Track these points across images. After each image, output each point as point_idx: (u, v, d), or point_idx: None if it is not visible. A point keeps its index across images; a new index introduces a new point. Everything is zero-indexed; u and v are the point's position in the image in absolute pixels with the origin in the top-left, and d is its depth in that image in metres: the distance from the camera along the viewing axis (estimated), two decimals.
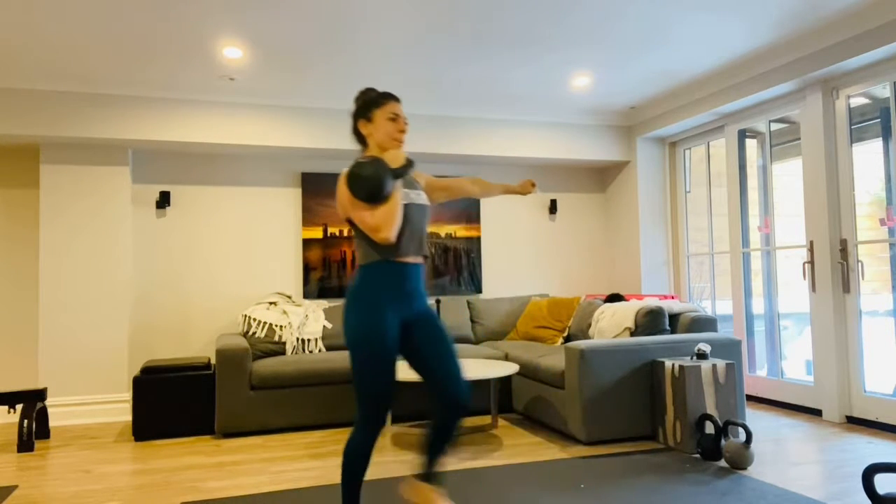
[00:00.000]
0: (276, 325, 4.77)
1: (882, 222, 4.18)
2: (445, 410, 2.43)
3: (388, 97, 2.55)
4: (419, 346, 2.46)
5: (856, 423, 4.21)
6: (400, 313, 2.40)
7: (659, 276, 5.95)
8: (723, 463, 3.42)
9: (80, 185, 4.91)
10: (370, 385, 2.31)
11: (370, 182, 2.28)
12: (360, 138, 2.58)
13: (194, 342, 5.28)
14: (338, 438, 4.18)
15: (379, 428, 2.35)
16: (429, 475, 2.50)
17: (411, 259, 2.45)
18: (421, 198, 2.54)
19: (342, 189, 2.38)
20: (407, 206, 2.45)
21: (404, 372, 3.93)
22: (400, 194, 2.37)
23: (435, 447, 2.48)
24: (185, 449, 4.01)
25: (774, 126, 5.01)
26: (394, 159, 2.41)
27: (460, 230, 5.93)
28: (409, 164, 2.42)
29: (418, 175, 2.75)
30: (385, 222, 2.32)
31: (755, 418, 4.47)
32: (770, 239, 4.94)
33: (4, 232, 5.07)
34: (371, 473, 3.37)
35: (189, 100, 4.96)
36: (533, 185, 2.90)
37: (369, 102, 2.54)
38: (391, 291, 2.39)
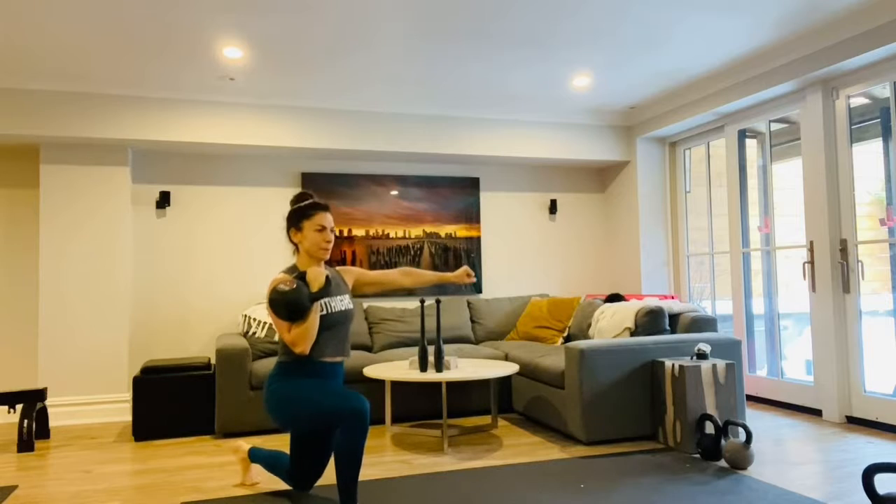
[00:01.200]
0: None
1: (882, 222, 4.18)
2: (292, 474, 2.94)
3: (316, 209, 2.80)
4: (321, 434, 2.87)
5: (856, 423, 4.21)
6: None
7: (659, 276, 5.95)
8: (723, 463, 3.42)
9: (80, 185, 4.91)
10: (335, 413, 2.59)
11: (289, 307, 2.57)
12: (292, 243, 2.86)
13: (194, 342, 5.28)
14: None
15: (366, 428, 2.59)
16: (258, 458, 3.12)
17: (328, 359, 2.78)
18: (343, 303, 2.81)
19: (268, 301, 2.65)
20: (326, 316, 2.73)
21: (403, 372, 3.93)
22: (316, 315, 2.66)
23: (277, 468, 3.00)
24: (185, 449, 4.01)
25: (774, 126, 5.01)
26: (314, 280, 2.66)
27: (460, 230, 5.93)
28: (328, 284, 2.68)
29: (346, 272, 2.99)
30: (300, 339, 2.64)
31: (755, 418, 4.47)
32: (770, 239, 4.94)
33: (4, 232, 5.07)
34: (371, 473, 3.37)
35: (189, 100, 4.96)
36: (469, 274, 3.10)
37: (300, 213, 2.80)
38: (308, 379, 2.74)
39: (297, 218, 2.81)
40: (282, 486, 3.21)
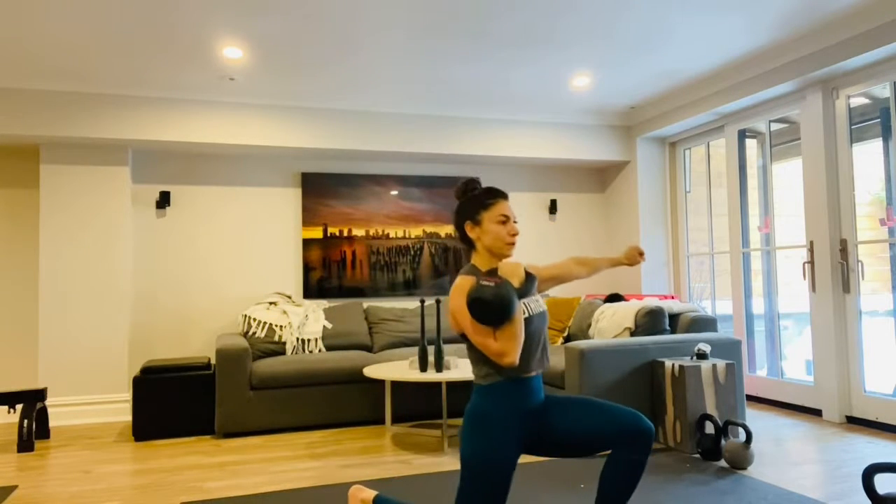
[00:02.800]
0: (276, 325, 4.77)
1: (882, 222, 4.18)
2: (635, 444, 2.19)
3: (495, 196, 2.33)
4: (560, 425, 2.26)
5: (856, 423, 4.21)
6: (523, 431, 2.21)
7: (659, 276, 5.95)
8: (723, 463, 3.42)
9: (80, 185, 4.91)
10: (478, 488, 2.12)
11: (497, 308, 2.07)
12: (466, 239, 2.36)
13: (194, 342, 5.28)
14: (338, 438, 4.18)
15: None
16: None
17: (533, 373, 2.25)
18: (540, 304, 2.34)
19: (459, 307, 2.18)
20: (528, 320, 2.25)
21: (403, 372, 3.93)
22: (521, 316, 2.16)
23: (624, 486, 2.21)
24: (185, 449, 4.01)
25: (774, 126, 5.01)
26: (512, 274, 2.17)
27: None
28: (531, 279, 2.21)
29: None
30: (510, 348, 2.11)
31: (755, 418, 4.47)
32: (770, 239, 4.94)
33: (4, 232, 5.07)
34: (371, 473, 3.37)
35: (189, 100, 4.96)
36: (641, 253, 2.65)
37: (476, 204, 2.32)
38: (514, 412, 2.20)
39: (473, 209, 2.31)
40: (284, 485, 3.21)
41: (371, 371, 4.05)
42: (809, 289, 4.47)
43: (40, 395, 4.20)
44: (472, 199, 2.34)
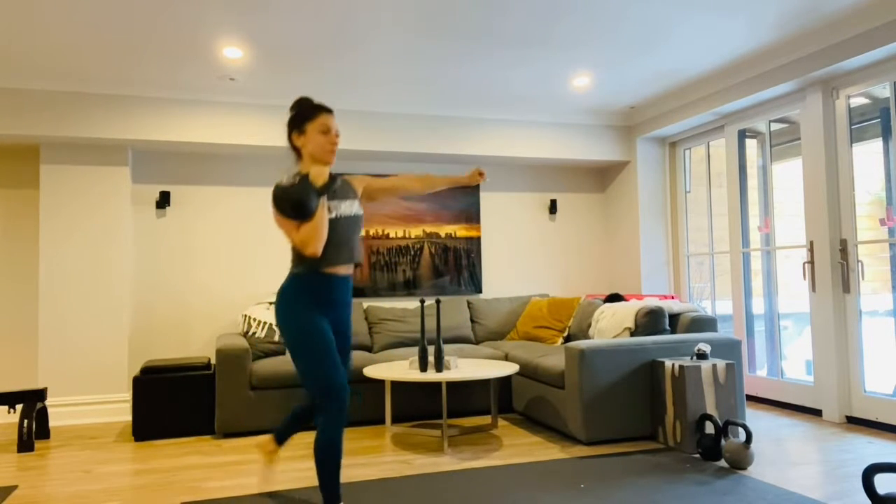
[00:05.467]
0: (277, 325, 4.77)
1: (882, 222, 4.18)
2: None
3: (320, 109, 2.62)
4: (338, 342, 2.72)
5: (856, 423, 4.21)
6: (324, 314, 2.61)
7: (659, 276, 5.95)
8: (723, 463, 3.42)
9: (80, 185, 4.91)
10: (322, 378, 2.48)
11: (293, 201, 2.44)
12: (295, 149, 2.67)
13: (194, 342, 5.28)
14: None
15: (345, 417, 2.51)
16: (281, 437, 2.94)
17: (339, 270, 2.62)
18: (352, 208, 2.67)
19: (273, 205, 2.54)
20: (335, 220, 2.59)
21: (403, 372, 3.93)
22: (324, 211, 2.51)
23: (296, 423, 2.90)
24: (185, 449, 4.01)
25: (774, 126, 5.01)
26: (317, 176, 2.51)
27: (460, 230, 5.93)
28: (332, 180, 2.56)
29: (355, 180, 2.83)
30: (310, 239, 2.49)
31: (755, 418, 4.47)
32: (770, 239, 4.94)
33: (4, 232, 5.07)
34: (371, 473, 3.37)
35: (189, 100, 4.96)
36: (481, 174, 2.96)
37: (302, 115, 2.62)
38: (317, 299, 2.58)
39: (299, 120, 2.62)
40: (284, 485, 3.21)
41: (371, 371, 4.05)
42: (809, 289, 4.47)
43: (40, 395, 4.20)
44: (301, 111, 2.63)
